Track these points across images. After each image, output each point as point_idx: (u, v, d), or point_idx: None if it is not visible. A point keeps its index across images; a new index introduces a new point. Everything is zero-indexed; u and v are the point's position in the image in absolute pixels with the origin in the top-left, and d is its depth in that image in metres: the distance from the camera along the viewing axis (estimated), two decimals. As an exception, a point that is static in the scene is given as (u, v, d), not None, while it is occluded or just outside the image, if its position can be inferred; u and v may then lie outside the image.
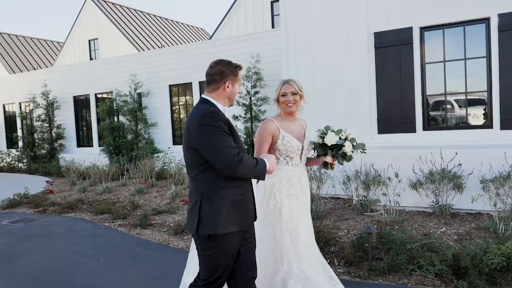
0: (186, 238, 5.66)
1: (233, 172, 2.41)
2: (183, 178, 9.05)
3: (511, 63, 5.99)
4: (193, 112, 2.57)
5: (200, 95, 12.02)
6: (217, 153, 2.39)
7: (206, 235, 2.44)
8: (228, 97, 2.65)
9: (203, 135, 2.40)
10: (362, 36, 6.96)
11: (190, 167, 2.54)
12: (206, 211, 2.44)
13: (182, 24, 25.05)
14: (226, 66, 2.64)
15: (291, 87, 3.14)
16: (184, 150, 2.56)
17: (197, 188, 2.50)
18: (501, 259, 3.70)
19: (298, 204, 3.12)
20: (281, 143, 3.06)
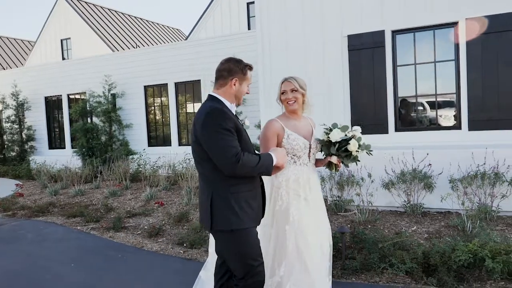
0: (161, 240, 5.60)
1: (232, 172, 2.41)
2: (158, 180, 8.96)
3: (478, 67, 6.19)
4: (200, 108, 2.58)
5: (176, 96, 12.01)
6: (217, 152, 2.40)
7: (221, 231, 2.49)
8: (235, 95, 2.64)
9: (207, 132, 2.42)
10: (336, 39, 7.06)
11: (199, 162, 2.56)
12: (219, 208, 2.47)
13: (158, 25, 24.81)
14: (235, 63, 2.65)
15: (290, 84, 3.04)
16: (192, 146, 2.60)
17: (207, 184, 2.53)
18: (468, 256, 3.81)
19: (306, 205, 2.96)
20: (287, 141, 2.96)
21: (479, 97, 6.21)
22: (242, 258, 2.51)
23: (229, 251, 2.55)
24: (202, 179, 2.59)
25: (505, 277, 3.74)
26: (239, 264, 2.53)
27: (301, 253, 2.87)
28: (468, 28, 6.21)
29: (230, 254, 2.56)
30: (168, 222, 6.29)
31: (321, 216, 3.10)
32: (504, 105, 6.04)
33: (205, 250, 5.07)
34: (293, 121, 3.06)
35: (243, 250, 2.51)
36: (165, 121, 12.39)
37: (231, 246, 2.52)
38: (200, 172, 2.59)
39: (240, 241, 2.50)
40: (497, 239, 4.25)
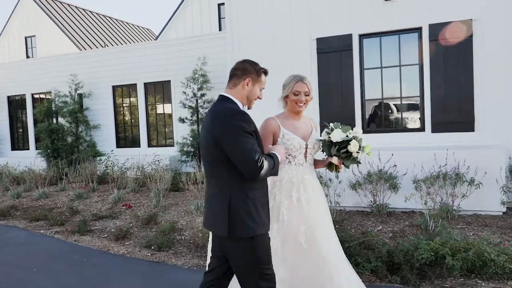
0: (128, 243, 5.50)
1: (254, 176, 2.35)
2: (126, 182, 8.79)
3: (440, 71, 6.42)
4: (215, 109, 2.49)
5: (145, 97, 11.83)
6: (241, 155, 2.32)
7: (239, 238, 2.37)
8: (247, 96, 2.56)
9: (228, 135, 2.33)
10: (305, 41, 7.15)
11: (215, 165, 2.45)
12: (237, 214, 2.36)
13: (127, 24, 24.38)
14: (251, 64, 2.60)
15: (305, 86, 2.97)
16: (204, 149, 2.48)
17: (223, 187, 2.41)
18: (430, 254, 3.94)
19: (298, 205, 2.91)
20: (281, 141, 2.92)
21: (442, 100, 6.44)
22: (258, 265, 2.43)
23: (245, 258, 2.43)
24: (216, 183, 2.46)
25: (464, 274, 3.89)
26: (254, 271, 2.44)
27: (287, 254, 2.85)
28: (431, 33, 6.43)
29: (245, 262, 2.44)
30: (136, 225, 6.19)
31: (319, 216, 3.00)
32: (464, 108, 6.29)
33: (173, 252, 5.03)
34: (291, 120, 3.02)
35: (260, 256, 2.43)
36: (134, 122, 12.18)
37: (248, 253, 2.41)
38: (214, 175, 2.47)
39: (257, 248, 2.41)
40: (457, 238, 4.41)
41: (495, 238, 4.73)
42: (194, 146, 10.23)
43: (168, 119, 11.76)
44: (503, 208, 5.57)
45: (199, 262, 4.66)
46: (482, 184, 5.39)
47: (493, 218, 5.50)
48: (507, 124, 6.07)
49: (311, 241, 2.90)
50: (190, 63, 10.48)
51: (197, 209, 6.64)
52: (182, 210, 6.87)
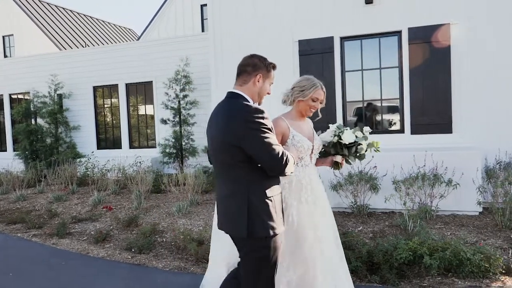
0: (108, 246, 5.43)
1: (280, 172, 2.32)
2: (106, 184, 8.68)
3: (419, 73, 6.54)
4: (228, 107, 2.40)
5: (127, 98, 11.70)
6: (266, 152, 2.26)
7: (259, 238, 2.32)
8: (258, 92, 2.52)
9: (251, 133, 2.25)
10: (288, 43, 7.19)
11: (231, 166, 2.36)
12: (257, 213, 2.31)
13: (109, 24, 24.09)
14: (260, 59, 2.53)
15: (323, 95, 3.00)
16: (218, 149, 2.39)
17: (240, 189, 2.34)
18: (409, 254, 4.00)
19: (307, 207, 2.92)
20: (291, 143, 2.88)
21: (420, 102, 6.56)
22: (274, 265, 2.41)
23: (261, 258, 2.38)
24: (232, 183, 2.38)
25: (442, 273, 3.96)
26: (265, 271, 2.40)
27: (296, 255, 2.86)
28: (411, 36, 6.55)
29: (260, 261, 2.38)
30: (117, 227, 6.11)
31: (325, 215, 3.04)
32: (442, 110, 6.42)
33: (154, 255, 4.99)
34: (298, 122, 3.01)
35: (275, 256, 2.41)
36: (115, 123, 12.04)
37: (265, 252, 2.36)
38: (229, 175, 2.40)
39: (274, 247, 2.38)
40: (435, 237, 4.50)
41: (471, 237, 4.84)
42: (176, 148, 10.17)
43: (150, 120, 11.66)
44: (479, 208, 5.70)
45: (180, 265, 4.63)
46: (459, 184, 5.51)
47: (470, 218, 5.63)
48: (483, 126, 6.22)
49: (319, 242, 2.92)
50: (172, 64, 10.42)
51: (179, 210, 6.60)
52: (164, 212, 6.82)
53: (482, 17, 6.21)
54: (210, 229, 5.50)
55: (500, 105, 6.15)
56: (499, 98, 6.16)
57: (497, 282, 3.82)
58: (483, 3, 6.19)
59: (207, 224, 5.93)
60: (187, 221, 6.18)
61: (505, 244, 4.63)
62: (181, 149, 10.20)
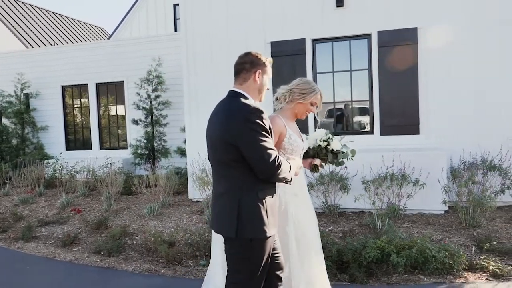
0: (76, 249, 5.30)
1: (270, 176, 2.30)
2: (75, 186, 8.47)
3: (388, 76, 6.69)
4: (229, 106, 2.39)
5: (97, 98, 11.46)
6: (258, 154, 2.24)
7: (247, 239, 2.31)
8: (259, 89, 2.50)
9: (247, 133, 2.24)
10: (260, 45, 7.21)
11: (228, 164, 2.35)
12: (247, 214, 2.30)
13: (79, 22, 23.52)
14: (256, 56, 2.52)
15: (320, 100, 3.06)
16: (215, 148, 2.39)
17: (233, 188, 2.33)
18: (377, 252, 4.10)
19: (301, 202, 3.00)
20: (288, 142, 2.89)
21: (389, 104, 6.72)
22: (254, 265, 2.37)
23: (245, 257, 2.36)
24: (225, 182, 2.38)
25: (408, 270, 4.08)
26: (246, 271, 2.38)
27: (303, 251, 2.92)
28: (380, 40, 6.70)
29: (243, 260, 2.37)
30: (85, 230, 5.97)
31: (311, 208, 3.15)
32: (409, 112, 6.60)
33: (124, 258, 4.91)
34: (291, 122, 3.05)
35: (263, 258, 2.37)
36: (85, 123, 11.77)
37: (251, 253, 2.35)
38: (224, 174, 2.39)
39: (262, 249, 2.36)
40: (403, 236, 4.62)
41: (437, 235, 4.99)
42: (148, 149, 10.03)
43: (122, 121, 11.46)
44: (445, 207, 5.88)
45: (151, 267, 4.58)
46: (425, 184, 5.67)
47: (436, 217, 5.80)
48: (449, 128, 6.42)
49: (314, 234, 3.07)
50: (144, 64, 10.27)
51: (150, 212, 6.52)
52: (135, 214, 6.72)
53: (447, 22, 6.41)
54: (181, 231, 5.47)
55: (464, 108, 6.37)
56: (463, 101, 6.37)
57: (460, 278, 3.96)
58: (448, 9, 6.40)
59: (179, 225, 5.88)
60: (158, 223, 6.10)
61: (468, 241, 4.80)
62: (153, 150, 10.07)
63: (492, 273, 3.98)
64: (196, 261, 4.65)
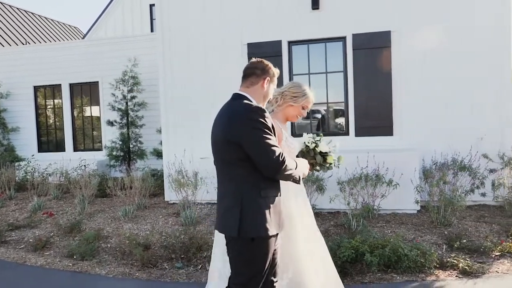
0: (48, 254, 5.17)
1: (275, 172, 2.31)
2: (47, 189, 8.26)
3: (363, 78, 6.80)
4: (232, 108, 2.42)
5: (71, 98, 11.22)
6: (262, 151, 2.27)
7: (249, 238, 2.30)
8: (264, 96, 2.56)
9: (249, 131, 2.28)
10: (237, 46, 7.23)
11: (229, 164, 2.38)
12: (249, 213, 2.31)
13: (52, 21, 22.98)
14: (267, 65, 2.59)
15: (311, 103, 3.06)
16: (219, 147, 2.42)
17: (237, 188, 2.35)
18: (351, 252, 4.15)
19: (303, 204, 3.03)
20: (285, 144, 2.89)
21: (364, 106, 6.83)
22: (257, 267, 2.37)
23: (248, 258, 2.36)
24: (229, 182, 2.40)
25: (382, 269, 4.14)
26: (249, 272, 2.37)
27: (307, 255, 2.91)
28: (355, 42, 6.80)
29: (246, 261, 2.37)
30: (58, 234, 5.83)
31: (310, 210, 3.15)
32: (383, 114, 6.73)
33: (97, 261, 4.82)
34: (284, 124, 3.07)
35: (262, 258, 2.37)
36: (58, 124, 11.50)
37: (253, 253, 2.35)
38: (228, 174, 2.41)
39: (265, 248, 2.36)
40: (376, 235, 4.70)
41: (409, 234, 5.10)
42: (123, 150, 9.88)
43: (96, 122, 11.26)
44: (417, 206, 6.02)
45: (125, 270, 4.50)
46: (399, 184, 5.79)
47: (409, 216, 5.93)
48: (421, 129, 6.58)
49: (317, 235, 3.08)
50: (120, 64, 10.11)
51: (125, 215, 6.42)
52: (109, 216, 6.61)
53: (418, 26, 6.57)
54: (157, 234, 5.42)
55: (435, 109, 6.54)
56: (434, 102, 6.54)
57: (431, 276, 4.05)
58: (420, 13, 6.55)
59: (154, 228, 5.82)
60: (133, 226, 6.02)
61: (439, 240, 4.93)
62: (128, 152, 9.92)
63: (462, 270, 4.09)
64: (171, 264, 4.61)
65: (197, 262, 4.62)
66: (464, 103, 6.45)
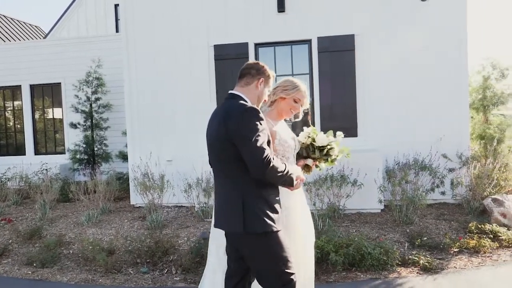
0: (5, 262, 4.96)
1: (261, 174, 2.33)
2: (6, 194, 7.93)
3: (328, 80, 6.92)
4: (227, 107, 2.47)
5: (31, 100, 10.82)
6: (251, 152, 2.31)
7: (261, 233, 2.36)
8: (258, 96, 2.60)
9: (242, 130, 2.32)
10: (203, 48, 7.19)
11: (229, 163, 2.42)
12: (253, 209, 2.37)
13: (12, 20, 22.10)
14: (263, 66, 2.66)
15: (305, 97, 2.97)
16: (215, 147, 2.47)
17: (236, 186, 2.41)
18: (317, 252, 4.20)
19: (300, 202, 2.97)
20: (279, 143, 2.83)
21: (329, 107, 6.95)
22: (276, 262, 2.41)
23: (263, 255, 2.43)
24: (228, 181, 2.47)
25: (346, 268, 4.23)
26: (274, 269, 2.42)
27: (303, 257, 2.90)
28: (320, 45, 6.91)
29: (264, 259, 2.43)
30: (16, 241, 5.60)
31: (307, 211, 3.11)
32: (348, 115, 6.86)
33: (59, 268, 4.67)
34: (279, 122, 2.99)
35: (277, 253, 2.41)
36: (18, 127, 11.07)
37: (266, 249, 2.41)
38: (226, 173, 2.47)
39: (274, 244, 2.41)
40: (341, 235, 4.79)
41: (373, 233, 5.22)
42: (87, 153, 9.61)
43: (59, 124, 10.91)
44: (381, 205, 6.18)
45: (88, 277, 4.39)
46: (363, 184, 5.92)
47: (373, 215, 6.07)
48: (384, 130, 6.75)
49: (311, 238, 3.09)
50: (83, 65, 9.84)
51: (89, 220, 6.26)
52: (72, 222, 6.42)
53: (381, 29, 6.76)
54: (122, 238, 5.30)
55: (397, 111, 6.73)
56: (396, 105, 6.73)
57: (393, 273, 4.17)
58: (381, 17, 6.74)
59: (119, 232, 5.70)
60: (97, 231, 5.87)
61: (402, 238, 5.07)
62: (93, 155, 9.66)
63: (423, 267, 4.23)
64: (137, 269, 4.53)
65: (163, 266, 4.56)
66: (424, 104, 6.67)
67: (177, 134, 7.22)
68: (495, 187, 6.10)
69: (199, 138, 7.09)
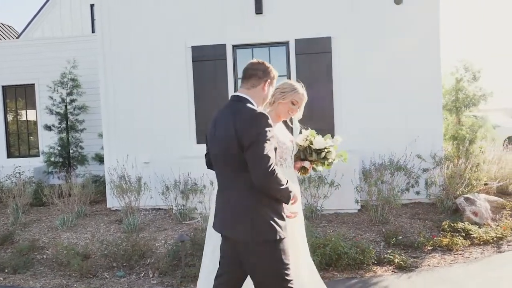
0: (-24, 268, 4.81)
1: (263, 183, 2.27)
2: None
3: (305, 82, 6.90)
4: (234, 109, 2.41)
5: (3, 101, 10.52)
6: (256, 159, 2.26)
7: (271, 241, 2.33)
8: (263, 98, 2.54)
9: (252, 137, 2.26)
10: (181, 49, 7.15)
11: (236, 168, 2.36)
12: (264, 217, 2.33)
13: (-16, 18, 21.45)
14: (269, 67, 2.57)
15: (303, 99, 3.00)
16: (223, 151, 2.40)
17: (250, 192, 2.34)
18: (294, 252, 4.24)
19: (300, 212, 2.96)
20: (277, 145, 2.75)
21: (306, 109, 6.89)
22: (280, 269, 2.38)
23: (269, 262, 2.37)
24: (236, 186, 2.39)
25: (323, 267, 4.26)
26: (277, 276, 2.38)
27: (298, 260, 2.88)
28: (297, 47, 6.97)
29: (269, 266, 2.38)
30: (-13, 247, 5.45)
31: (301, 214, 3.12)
32: (326, 117, 6.94)
33: (32, 274, 4.56)
34: (277, 124, 3.00)
35: (283, 260, 2.38)
36: (-10, 129, 10.74)
37: (272, 257, 2.36)
38: (234, 178, 2.40)
39: (281, 251, 2.38)
40: (319, 235, 4.84)
41: (350, 233, 5.29)
42: (62, 156, 9.41)
43: (33, 126, 10.65)
44: (358, 206, 6.26)
45: (62, 282, 4.30)
46: (340, 185, 5.99)
47: (350, 215, 6.15)
48: (361, 131, 6.83)
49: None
50: (58, 66, 9.63)
51: (63, 224, 6.12)
52: (46, 226, 6.28)
53: (356, 32, 6.86)
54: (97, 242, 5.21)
55: (374, 113, 6.83)
56: (372, 106, 6.84)
57: (369, 272, 4.24)
58: (355, 20, 6.85)
59: (95, 236, 5.60)
60: (72, 235, 5.75)
61: (377, 237, 5.16)
62: (68, 158, 9.47)
63: (398, 265, 4.31)
64: (112, 273, 4.47)
65: (140, 270, 4.52)
66: (399, 106, 6.80)
67: (154, 135, 7.15)
68: (467, 186, 6.26)
69: (176, 139, 7.15)
